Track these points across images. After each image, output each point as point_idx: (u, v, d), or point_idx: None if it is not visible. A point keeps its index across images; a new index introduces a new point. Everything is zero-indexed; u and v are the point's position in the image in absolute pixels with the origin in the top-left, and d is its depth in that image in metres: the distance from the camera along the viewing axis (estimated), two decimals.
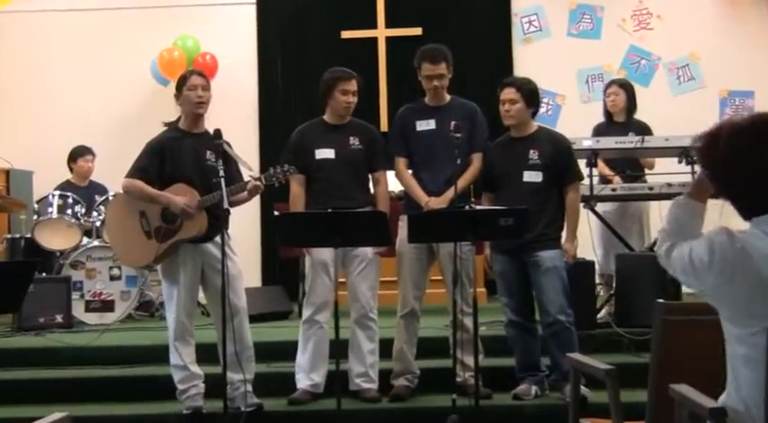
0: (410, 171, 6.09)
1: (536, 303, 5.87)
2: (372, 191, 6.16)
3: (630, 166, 7.37)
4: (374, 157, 6.06)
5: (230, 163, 5.59)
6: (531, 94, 5.88)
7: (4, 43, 10.35)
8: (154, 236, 5.61)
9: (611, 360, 4.46)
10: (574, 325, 5.75)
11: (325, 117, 6.10)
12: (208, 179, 5.52)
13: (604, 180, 7.19)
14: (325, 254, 5.84)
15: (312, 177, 5.98)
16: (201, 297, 5.89)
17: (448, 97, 6.08)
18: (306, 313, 5.94)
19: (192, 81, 5.68)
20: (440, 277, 6.08)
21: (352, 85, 5.98)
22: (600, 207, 7.02)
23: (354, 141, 6.01)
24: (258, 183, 5.56)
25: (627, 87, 7.59)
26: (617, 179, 7.22)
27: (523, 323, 5.87)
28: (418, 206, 5.87)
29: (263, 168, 7.49)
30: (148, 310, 8.54)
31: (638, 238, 7.28)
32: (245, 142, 7.55)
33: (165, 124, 5.80)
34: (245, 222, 7.69)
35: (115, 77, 10.15)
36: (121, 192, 5.92)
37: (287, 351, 6.13)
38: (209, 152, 5.59)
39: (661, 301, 3.44)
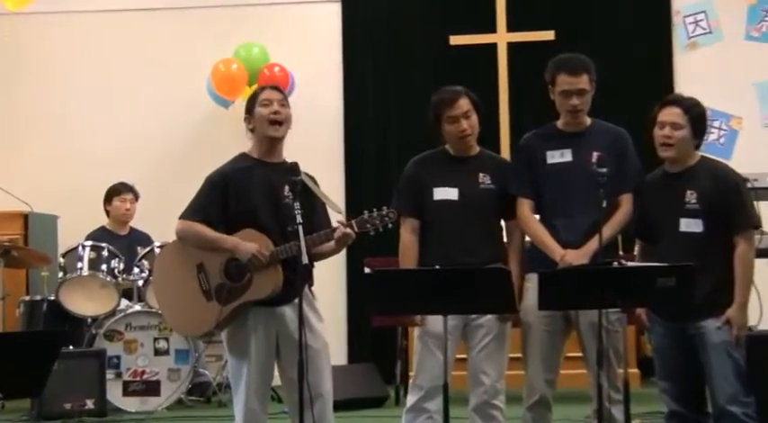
0: (537, 216, 6.07)
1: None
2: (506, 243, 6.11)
3: None
4: (510, 200, 6.02)
5: (314, 203, 5.67)
6: (699, 120, 5.80)
7: (21, 53, 10.63)
8: (215, 296, 5.59)
9: None
10: (755, 419, 5.70)
11: (447, 147, 6.11)
12: (285, 223, 5.50)
13: None
14: (441, 323, 5.62)
15: (428, 222, 5.98)
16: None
17: (588, 121, 6.05)
18: (411, 399, 5.90)
19: (264, 95, 5.73)
20: (578, 354, 6.03)
21: (460, 108, 5.91)
22: None
23: (485, 179, 5.99)
24: (348, 230, 5.54)
25: None
26: None
27: (689, 415, 5.81)
28: (549, 261, 5.83)
29: (350, 209, 7.51)
30: (204, 393, 8.65)
31: None
32: (326, 178, 7.62)
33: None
34: (327, 282, 7.73)
35: (161, 98, 10.38)
36: (171, 241, 6.02)
37: None
38: (287, 188, 5.57)
39: None
